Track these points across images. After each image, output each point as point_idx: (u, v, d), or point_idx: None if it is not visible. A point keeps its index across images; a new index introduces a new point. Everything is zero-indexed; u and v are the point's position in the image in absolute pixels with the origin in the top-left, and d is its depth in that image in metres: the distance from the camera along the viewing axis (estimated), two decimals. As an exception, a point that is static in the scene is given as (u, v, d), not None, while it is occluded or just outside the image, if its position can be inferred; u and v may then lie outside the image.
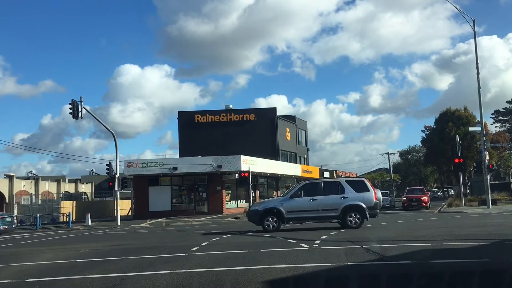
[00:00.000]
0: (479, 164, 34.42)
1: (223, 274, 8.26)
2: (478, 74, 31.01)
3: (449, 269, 7.79)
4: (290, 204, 17.57)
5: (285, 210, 17.46)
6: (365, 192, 17.46)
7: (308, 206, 17.44)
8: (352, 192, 17.42)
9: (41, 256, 12.96)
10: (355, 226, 16.97)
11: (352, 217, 17.14)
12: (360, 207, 17.17)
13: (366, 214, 17.19)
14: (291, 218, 17.65)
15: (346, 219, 17.12)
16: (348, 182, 18.06)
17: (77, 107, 27.98)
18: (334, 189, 17.70)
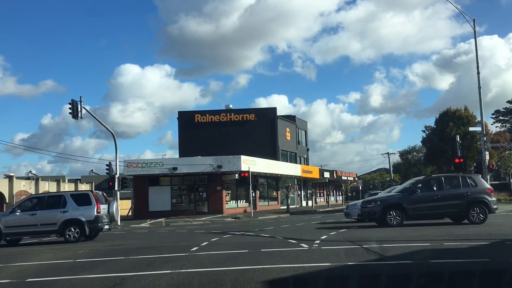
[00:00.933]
0: (479, 164, 34.34)
1: (223, 274, 8.26)
2: (479, 74, 31.01)
3: (449, 269, 7.79)
4: None
5: None
6: (87, 206, 17.55)
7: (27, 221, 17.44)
8: (74, 206, 17.56)
9: (41, 256, 12.96)
10: (73, 240, 17.19)
11: (71, 232, 17.29)
12: (79, 222, 17.33)
13: (85, 229, 17.32)
14: None
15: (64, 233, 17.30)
16: (72, 196, 18.13)
17: (77, 107, 27.98)
18: (56, 203, 17.75)
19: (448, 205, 16.82)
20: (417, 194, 17.22)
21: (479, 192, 16.79)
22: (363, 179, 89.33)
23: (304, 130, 60.79)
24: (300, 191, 51.44)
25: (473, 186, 17.03)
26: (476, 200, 16.65)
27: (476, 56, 31.60)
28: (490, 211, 16.87)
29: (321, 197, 60.20)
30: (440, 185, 17.28)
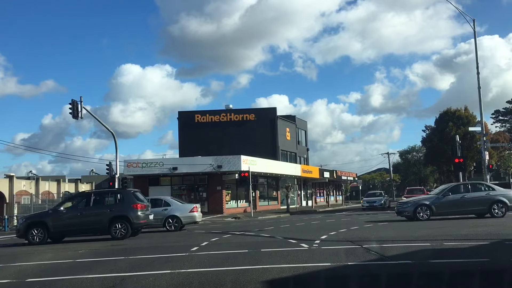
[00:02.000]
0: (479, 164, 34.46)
1: (223, 274, 8.26)
2: (478, 74, 31.02)
3: (449, 269, 7.79)
4: None
5: None
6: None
7: None
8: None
9: (41, 256, 12.96)
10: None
11: None
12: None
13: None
14: None
15: None
16: None
17: (77, 107, 27.96)
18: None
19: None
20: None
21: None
22: (363, 179, 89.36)
23: (304, 130, 60.80)
24: (300, 191, 51.45)
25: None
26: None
27: (476, 56, 31.63)
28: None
29: (321, 197, 60.22)
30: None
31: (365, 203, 41.55)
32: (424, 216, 20.23)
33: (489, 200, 20.44)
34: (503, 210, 20.18)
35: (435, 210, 20.36)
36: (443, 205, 20.44)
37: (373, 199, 41.62)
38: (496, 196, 20.54)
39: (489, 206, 20.30)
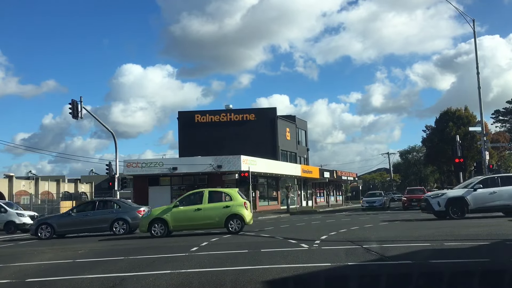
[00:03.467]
0: (479, 164, 34.35)
1: (223, 274, 8.26)
2: (478, 74, 31.02)
3: (449, 269, 7.78)
4: None
5: None
6: None
7: None
8: None
9: (41, 256, 12.95)
10: None
11: None
12: None
13: None
14: None
15: None
16: None
17: (77, 107, 27.98)
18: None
19: None
20: None
21: None
22: (363, 179, 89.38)
23: (304, 130, 60.81)
24: (300, 191, 51.45)
25: None
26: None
27: (476, 56, 31.63)
28: None
29: (321, 197, 60.22)
30: None
31: (365, 203, 41.57)
32: None
33: None
34: None
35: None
36: None
37: (373, 199, 41.63)
38: None
39: None
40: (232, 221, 17.37)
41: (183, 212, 17.61)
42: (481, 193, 19.29)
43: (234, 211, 17.44)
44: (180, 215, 17.56)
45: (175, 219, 17.49)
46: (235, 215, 17.40)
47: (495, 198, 19.26)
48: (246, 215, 17.55)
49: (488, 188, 19.39)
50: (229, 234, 16.87)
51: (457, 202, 19.34)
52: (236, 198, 17.82)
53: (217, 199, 18.20)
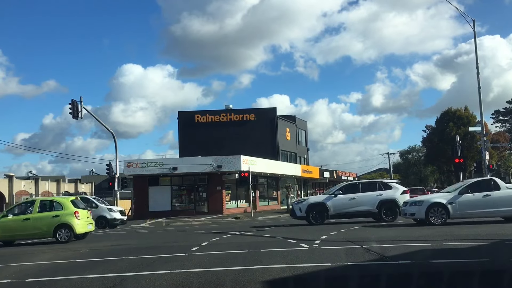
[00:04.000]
0: (479, 164, 34.34)
1: (223, 274, 8.26)
2: (478, 74, 31.01)
3: (449, 269, 7.79)
4: None
5: None
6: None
7: None
8: None
9: (41, 256, 12.96)
10: None
11: None
12: None
13: None
14: None
15: None
16: None
17: (77, 107, 28.00)
18: None
19: None
20: None
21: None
22: (363, 179, 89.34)
23: (304, 130, 60.79)
24: (300, 191, 51.44)
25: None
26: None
27: (476, 56, 31.62)
28: None
29: (321, 197, 60.18)
30: None
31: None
32: None
33: None
34: None
35: None
36: None
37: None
38: None
39: None
40: (60, 231, 17.36)
41: (12, 221, 17.63)
42: (341, 199, 19.76)
43: (63, 220, 17.43)
44: (9, 224, 17.55)
45: (3, 229, 17.47)
46: (64, 224, 17.35)
47: (354, 204, 19.69)
48: (76, 224, 17.42)
49: (348, 194, 19.87)
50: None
51: (317, 208, 19.65)
52: (67, 208, 17.70)
53: (49, 208, 18.05)
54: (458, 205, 16.89)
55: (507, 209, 16.76)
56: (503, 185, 17.49)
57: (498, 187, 17.17)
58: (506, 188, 17.27)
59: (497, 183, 17.43)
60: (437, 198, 17.51)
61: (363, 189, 20.27)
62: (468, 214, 17.11)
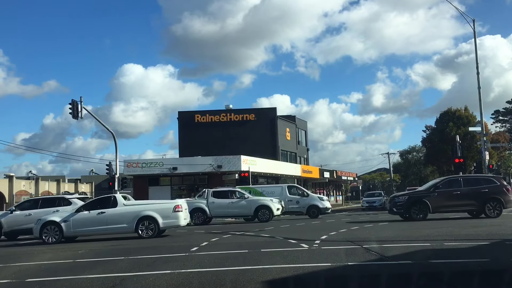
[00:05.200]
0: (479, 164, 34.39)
1: (223, 274, 8.26)
2: (478, 74, 31.05)
3: (449, 269, 7.79)
4: None
5: None
6: None
7: None
8: None
9: (41, 256, 12.95)
10: None
11: None
12: None
13: None
14: None
15: None
16: None
17: (77, 107, 27.96)
18: None
19: None
20: None
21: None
22: (363, 179, 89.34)
23: (304, 130, 60.80)
24: (300, 191, 51.38)
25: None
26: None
27: (476, 56, 31.66)
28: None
29: (321, 197, 60.15)
30: None
31: (364, 203, 41.57)
32: None
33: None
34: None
35: None
36: None
37: (373, 199, 41.65)
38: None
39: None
40: None
41: None
42: (16, 216, 19.29)
43: None
44: None
45: None
46: None
47: (29, 221, 18.46)
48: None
49: (24, 211, 19.36)
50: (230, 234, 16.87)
51: None
52: None
53: None
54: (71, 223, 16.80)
55: (120, 226, 16.80)
56: (121, 201, 17.25)
57: (116, 204, 17.07)
58: (123, 205, 17.14)
59: (116, 199, 17.28)
60: (51, 217, 17.14)
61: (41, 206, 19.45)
62: (80, 232, 17.04)
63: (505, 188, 20.41)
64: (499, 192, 20.08)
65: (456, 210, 20.56)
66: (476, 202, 19.96)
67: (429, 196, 20.21)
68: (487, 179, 21.08)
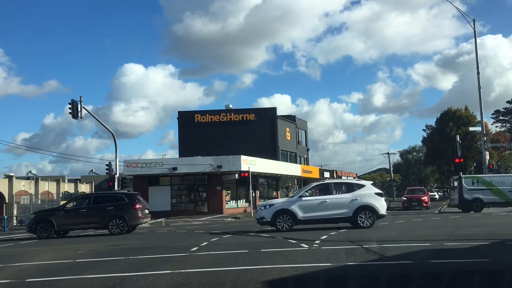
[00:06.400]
0: (479, 164, 34.39)
1: (223, 274, 8.26)
2: (478, 74, 31.09)
3: (449, 269, 7.79)
4: None
5: None
6: None
7: None
8: None
9: (41, 256, 12.96)
10: None
11: None
12: None
13: None
14: None
15: None
16: None
17: (77, 107, 27.96)
18: None
19: None
20: None
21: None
22: (364, 179, 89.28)
23: (304, 130, 60.77)
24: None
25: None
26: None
27: (476, 56, 31.70)
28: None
29: (321, 197, 60.15)
30: None
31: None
32: None
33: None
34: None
35: None
36: None
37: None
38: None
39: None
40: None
41: None
42: None
43: None
44: None
45: None
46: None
47: None
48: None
49: None
50: None
51: None
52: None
53: None
54: None
55: None
56: None
57: None
58: None
59: None
60: None
61: None
62: None
63: (132, 205, 20.91)
64: (124, 209, 20.68)
65: (82, 228, 21.40)
66: (100, 219, 20.55)
67: (56, 214, 20.84)
68: (118, 197, 21.68)
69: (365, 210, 17.27)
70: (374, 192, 17.88)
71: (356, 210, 17.19)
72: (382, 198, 18.08)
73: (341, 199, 17.61)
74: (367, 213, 17.24)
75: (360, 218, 17.16)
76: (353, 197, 17.46)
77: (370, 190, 17.97)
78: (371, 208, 17.33)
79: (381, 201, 17.76)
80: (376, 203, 17.44)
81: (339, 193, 18.15)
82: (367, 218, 17.18)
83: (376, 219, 17.44)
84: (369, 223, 17.09)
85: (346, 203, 17.37)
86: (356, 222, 17.15)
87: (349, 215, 17.26)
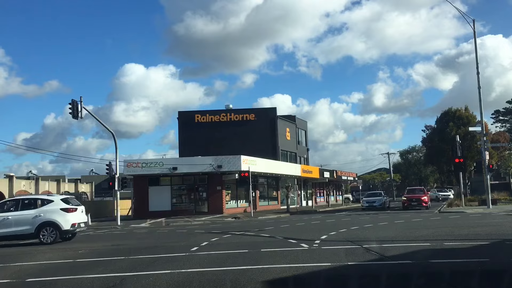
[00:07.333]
0: (479, 164, 34.41)
1: (223, 274, 8.26)
2: (478, 74, 31.05)
3: (449, 269, 7.79)
4: None
5: None
6: None
7: None
8: None
9: (41, 256, 12.96)
10: None
11: None
12: None
13: None
14: None
15: None
16: None
17: (77, 107, 27.95)
18: None
19: None
20: None
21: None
22: (363, 179, 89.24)
23: (304, 130, 60.78)
24: (300, 191, 51.46)
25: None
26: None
27: (476, 56, 31.66)
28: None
29: (321, 197, 60.19)
30: None
31: (364, 203, 41.50)
32: None
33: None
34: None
35: None
36: None
37: (373, 199, 41.58)
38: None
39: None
40: None
41: None
42: None
43: None
44: None
45: None
46: None
47: None
48: None
49: None
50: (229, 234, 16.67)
51: None
52: None
53: None
54: None
55: None
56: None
57: None
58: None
59: None
60: None
61: None
62: None
63: None
64: None
65: None
66: None
67: None
68: None
69: (48, 226, 17.16)
70: (60, 208, 17.53)
71: (38, 226, 17.03)
72: (71, 213, 17.61)
73: (24, 215, 17.33)
74: (50, 229, 17.16)
75: (43, 234, 17.06)
76: (37, 214, 17.26)
77: (57, 205, 17.57)
78: (54, 224, 17.12)
79: (65, 216, 17.40)
80: (60, 218, 17.25)
81: (25, 209, 17.68)
82: (50, 234, 17.06)
83: (60, 235, 17.21)
84: (51, 239, 16.98)
85: (29, 220, 17.17)
86: (39, 239, 17.05)
87: (31, 231, 17.08)
